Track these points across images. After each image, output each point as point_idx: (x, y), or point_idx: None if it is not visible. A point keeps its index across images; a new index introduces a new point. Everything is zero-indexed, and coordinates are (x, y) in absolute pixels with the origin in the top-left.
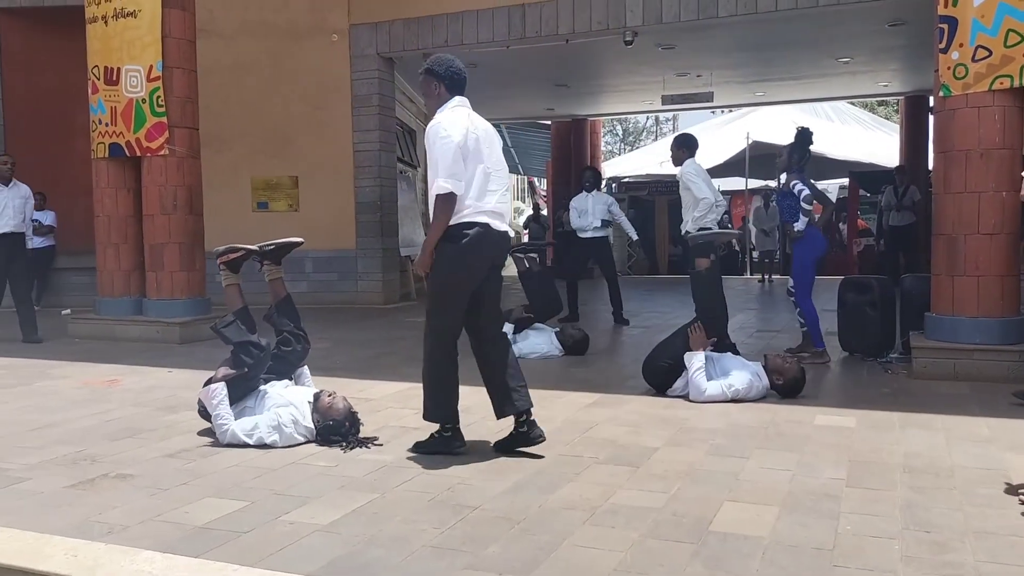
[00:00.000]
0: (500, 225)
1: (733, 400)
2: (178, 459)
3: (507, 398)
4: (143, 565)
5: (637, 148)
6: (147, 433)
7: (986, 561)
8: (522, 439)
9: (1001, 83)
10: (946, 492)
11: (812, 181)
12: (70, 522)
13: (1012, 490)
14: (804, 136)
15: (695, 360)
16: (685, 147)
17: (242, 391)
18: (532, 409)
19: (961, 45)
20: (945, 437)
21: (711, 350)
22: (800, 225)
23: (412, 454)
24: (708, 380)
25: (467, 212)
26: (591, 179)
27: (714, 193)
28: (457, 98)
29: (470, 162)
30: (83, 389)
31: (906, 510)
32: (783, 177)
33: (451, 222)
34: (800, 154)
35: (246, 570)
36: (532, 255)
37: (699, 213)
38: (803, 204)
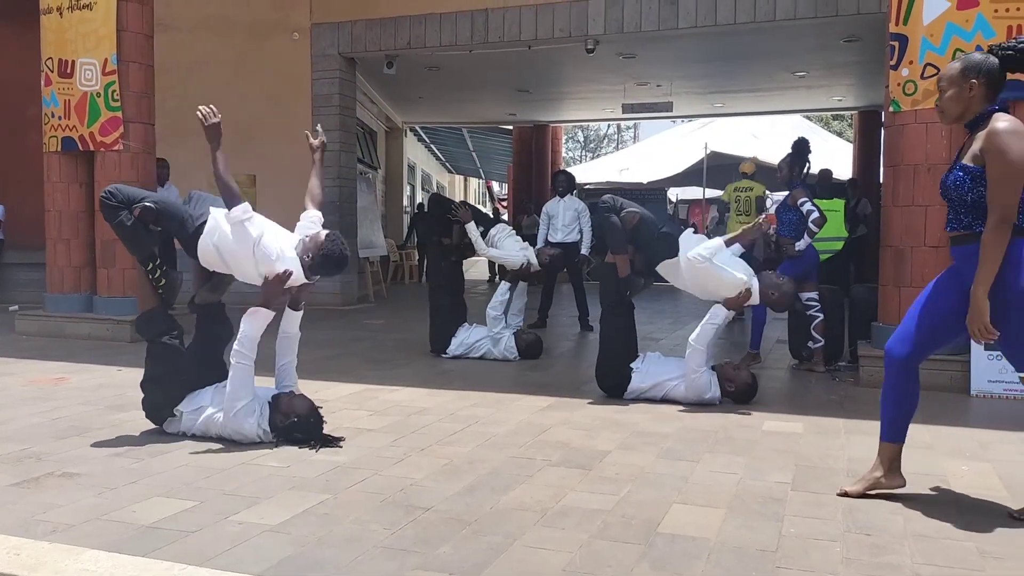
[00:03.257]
0: None
1: (684, 400)
2: (126, 458)
3: None
4: (87, 564)
5: (599, 155)
6: (95, 432)
7: (922, 563)
8: None
9: None
10: (887, 496)
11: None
12: (13, 521)
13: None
14: (802, 147)
15: (718, 314)
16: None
17: (181, 384)
18: None
19: (911, 62)
20: None
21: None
22: (802, 245)
23: (366, 456)
24: (644, 380)
25: None
26: (564, 183)
27: None
28: None
29: None
30: (30, 387)
31: (848, 513)
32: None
33: None
34: (801, 166)
35: (193, 569)
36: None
37: None
38: (811, 225)
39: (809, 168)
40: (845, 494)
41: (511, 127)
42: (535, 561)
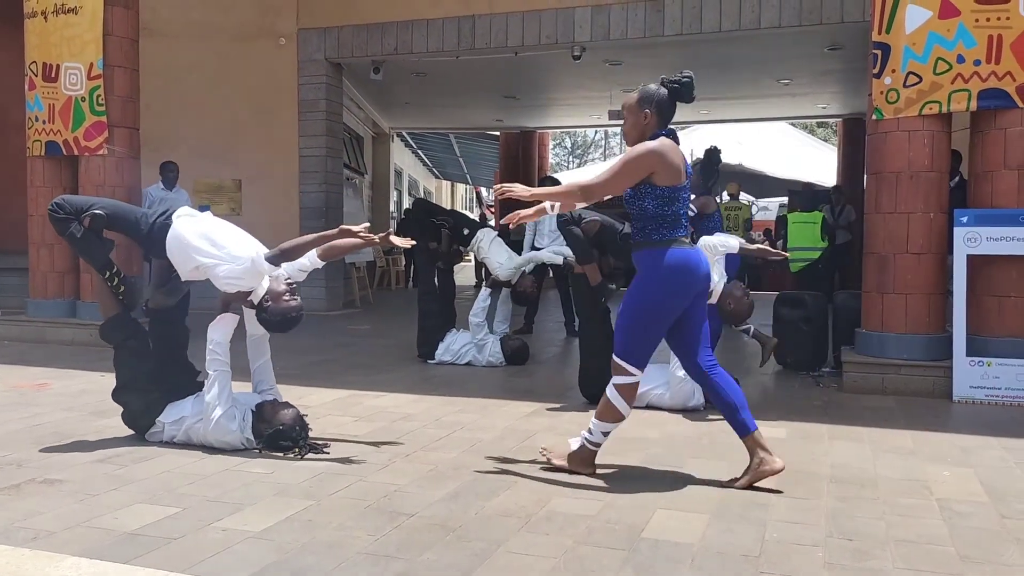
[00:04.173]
0: None
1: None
2: (108, 464)
3: None
4: (68, 571)
5: (586, 162)
6: (77, 438)
7: (904, 568)
8: None
9: (930, 108)
10: (870, 502)
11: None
12: None
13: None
14: (712, 156)
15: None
16: None
17: (159, 390)
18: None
19: (893, 71)
20: (871, 449)
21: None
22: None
23: (350, 462)
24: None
25: None
26: None
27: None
28: None
29: None
30: (11, 392)
31: (831, 519)
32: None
33: None
34: (708, 175)
35: None
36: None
37: None
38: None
39: (717, 177)
40: (732, 484)
41: (498, 133)
42: (519, 567)
